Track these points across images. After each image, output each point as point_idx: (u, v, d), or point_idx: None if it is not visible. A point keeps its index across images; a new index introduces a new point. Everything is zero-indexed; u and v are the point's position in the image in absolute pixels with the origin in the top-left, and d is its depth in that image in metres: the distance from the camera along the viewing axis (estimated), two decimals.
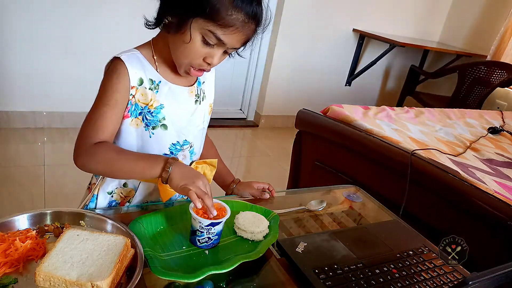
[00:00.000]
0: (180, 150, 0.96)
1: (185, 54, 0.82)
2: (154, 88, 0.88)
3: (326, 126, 1.78)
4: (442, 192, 1.36)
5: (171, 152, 0.94)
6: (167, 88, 0.89)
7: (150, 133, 0.90)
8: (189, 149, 0.98)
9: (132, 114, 0.88)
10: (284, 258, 0.81)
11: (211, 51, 0.81)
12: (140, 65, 0.86)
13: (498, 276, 0.55)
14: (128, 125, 0.88)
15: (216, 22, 0.76)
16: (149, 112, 0.88)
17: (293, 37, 3.36)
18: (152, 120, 0.89)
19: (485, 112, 2.49)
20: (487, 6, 3.68)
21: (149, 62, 0.88)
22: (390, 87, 4.22)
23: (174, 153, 0.95)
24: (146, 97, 0.87)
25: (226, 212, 0.80)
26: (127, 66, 0.83)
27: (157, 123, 0.89)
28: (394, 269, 0.81)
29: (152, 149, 0.92)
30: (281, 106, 3.59)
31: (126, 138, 0.90)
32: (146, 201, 0.98)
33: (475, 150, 1.73)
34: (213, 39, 0.78)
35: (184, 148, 0.96)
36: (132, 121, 0.88)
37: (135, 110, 0.87)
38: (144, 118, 0.89)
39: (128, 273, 0.67)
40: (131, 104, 0.86)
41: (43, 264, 0.62)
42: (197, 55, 0.81)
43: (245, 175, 2.86)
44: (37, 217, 0.76)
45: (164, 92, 0.89)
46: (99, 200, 0.95)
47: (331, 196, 1.16)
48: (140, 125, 0.89)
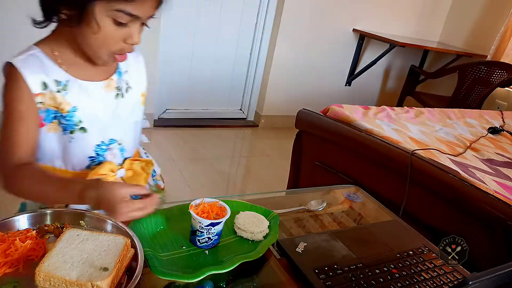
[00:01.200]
0: (106, 150, 0.89)
1: (100, 44, 0.74)
2: (62, 90, 0.78)
3: (326, 126, 1.78)
4: (442, 192, 1.36)
5: (97, 153, 0.87)
6: (77, 86, 0.80)
7: (69, 138, 0.82)
8: (117, 147, 0.91)
9: (46, 121, 0.80)
10: (284, 258, 0.80)
11: (128, 30, 0.73)
12: (41, 67, 0.76)
13: (498, 276, 0.55)
14: (46, 132, 0.81)
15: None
16: (62, 116, 0.80)
17: (293, 37, 3.36)
18: (67, 124, 0.81)
19: (485, 112, 2.49)
20: (487, 6, 3.67)
21: (52, 60, 0.78)
22: (390, 87, 4.22)
23: (101, 154, 0.88)
24: (55, 101, 0.78)
25: (226, 212, 0.80)
26: (23, 73, 0.74)
27: (74, 127, 0.82)
28: (394, 269, 0.81)
29: (75, 154, 0.85)
30: (281, 106, 3.59)
31: (47, 145, 0.83)
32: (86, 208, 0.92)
33: (475, 150, 1.73)
34: (125, 17, 0.70)
35: (111, 147, 0.89)
36: (49, 128, 0.81)
37: (48, 115, 0.80)
38: (59, 122, 0.81)
39: (128, 273, 0.67)
40: (43, 111, 0.79)
41: (43, 264, 0.62)
42: (115, 40, 0.74)
43: (245, 175, 2.87)
44: (37, 217, 0.76)
45: (75, 92, 0.80)
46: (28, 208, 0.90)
47: (331, 196, 1.16)
48: (58, 130, 0.82)
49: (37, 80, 0.76)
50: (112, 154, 0.90)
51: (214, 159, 2.85)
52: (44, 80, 0.77)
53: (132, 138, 0.95)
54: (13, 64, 0.74)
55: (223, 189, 2.50)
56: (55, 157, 0.86)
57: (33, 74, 0.75)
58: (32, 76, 0.75)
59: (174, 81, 3.22)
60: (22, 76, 0.74)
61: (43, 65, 0.77)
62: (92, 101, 0.83)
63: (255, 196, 1.12)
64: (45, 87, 0.77)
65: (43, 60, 0.77)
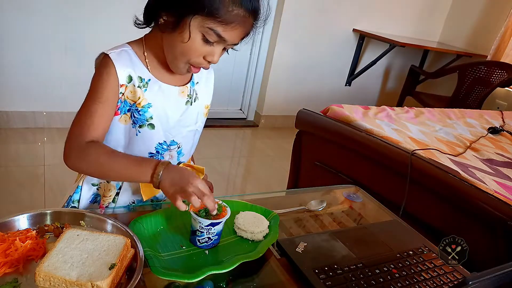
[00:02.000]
0: (167, 150, 0.94)
1: (183, 53, 0.80)
2: (143, 86, 0.86)
3: (326, 126, 1.78)
4: (442, 192, 1.36)
5: (157, 151, 0.93)
6: (157, 86, 0.88)
7: (136, 131, 0.89)
8: (176, 150, 0.96)
9: (121, 111, 0.87)
10: (284, 258, 0.80)
11: (211, 49, 0.80)
12: (130, 62, 0.84)
13: (498, 276, 0.55)
14: (117, 121, 0.88)
15: (216, 19, 0.74)
16: (136, 110, 0.87)
17: (293, 37, 3.36)
18: (139, 118, 0.87)
19: (485, 112, 2.49)
20: (487, 6, 3.67)
21: (140, 59, 0.86)
22: (390, 87, 4.22)
23: (161, 153, 0.93)
24: (134, 95, 0.85)
25: (226, 212, 0.80)
26: (115, 64, 0.82)
27: (144, 122, 0.88)
28: (394, 269, 0.81)
29: (138, 147, 0.90)
30: (281, 106, 3.59)
31: (114, 134, 0.89)
32: (133, 200, 0.97)
33: (475, 150, 1.73)
34: (214, 36, 0.77)
35: (171, 148, 0.95)
36: (121, 118, 0.87)
37: (124, 106, 0.86)
38: (132, 115, 0.87)
39: (128, 273, 0.67)
40: (121, 101, 0.85)
41: (43, 264, 0.62)
42: (197, 54, 0.80)
43: (245, 175, 2.87)
44: (37, 217, 0.76)
45: (153, 91, 0.87)
46: (83, 191, 0.95)
47: (331, 196, 1.16)
48: (128, 122, 0.88)
49: (125, 73, 0.83)
50: (171, 155, 0.95)
51: (214, 159, 2.85)
52: (130, 73, 0.84)
53: (190, 145, 1.00)
54: (108, 55, 0.82)
55: (223, 189, 2.50)
56: (119, 147, 0.91)
57: (123, 67, 0.83)
58: (122, 68, 0.83)
59: None
60: (115, 67, 0.82)
61: (132, 61, 0.85)
62: (166, 102, 0.89)
63: (255, 196, 1.13)
64: (130, 80, 0.84)
65: (132, 57, 0.85)
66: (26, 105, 2.64)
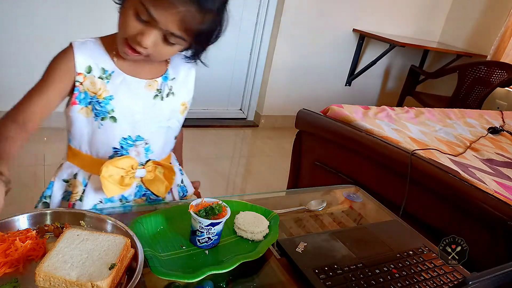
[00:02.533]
0: (132, 145, 0.92)
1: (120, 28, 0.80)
2: (106, 78, 0.85)
3: (326, 126, 1.78)
4: (442, 192, 1.36)
5: (121, 146, 0.91)
6: (121, 78, 0.87)
7: (99, 124, 0.88)
8: (143, 146, 0.93)
9: (81, 102, 0.86)
10: (284, 258, 0.80)
11: (144, 28, 0.76)
12: (93, 53, 0.85)
13: (498, 276, 0.55)
14: (77, 112, 0.87)
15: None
16: (97, 102, 0.86)
17: (293, 37, 3.36)
18: (100, 110, 0.86)
19: (485, 112, 2.49)
20: (487, 6, 3.67)
21: (107, 52, 0.86)
22: (390, 87, 4.22)
23: (125, 148, 0.91)
24: (94, 86, 0.85)
25: (226, 212, 0.80)
26: (74, 52, 0.83)
27: (106, 114, 0.87)
28: (394, 269, 0.81)
29: (101, 141, 0.90)
30: (281, 106, 3.59)
31: (77, 125, 0.89)
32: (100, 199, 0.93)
33: (475, 150, 1.73)
34: (145, 14, 0.74)
35: (137, 144, 0.92)
36: (82, 109, 0.87)
37: (84, 98, 0.86)
38: (93, 108, 0.87)
39: (128, 273, 0.67)
40: (79, 91, 0.85)
41: (43, 264, 0.62)
42: (129, 29, 0.77)
43: (245, 175, 2.87)
44: (37, 217, 0.76)
45: (116, 83, 0.86)
46: (55, 187, 0.94)
47: (331, 196, 1.16)
48: (90, 115, 0.87)
49: (84, 62, 0.84)
50: (137, 151, 0.93)
51: (214, 159, 2.85)
52: (90, 64, 0.84)
53: (161, 142, 0.97)
54: (72, 43, 0.84)
55: (223, 189, 2.50)
56: (82, 141, 0.91)
57: (83, 56, 0.84)
58: (82, 57, 0.83)
59: None
60: (73, 54, 0.83)
61: (96, 53, 0.85)
62: (130, 95, 0.88)
63: (255, 196, 1.13)
64: (89, 70, 0.84)
65: (98, 48, 0.86)
66: None
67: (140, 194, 0.97)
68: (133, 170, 0.91)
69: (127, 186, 0.90)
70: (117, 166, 0.88)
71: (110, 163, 0.87)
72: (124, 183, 0.89)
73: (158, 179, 0.95)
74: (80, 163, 0.93)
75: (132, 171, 0.90)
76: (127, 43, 0.79)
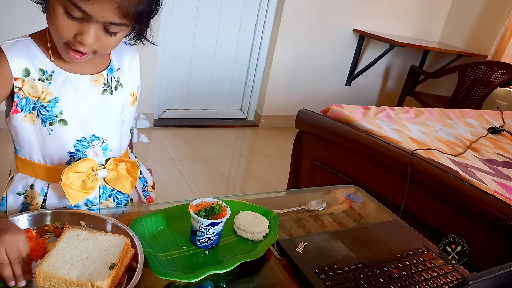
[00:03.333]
0: (89, 147, 0.86)
1: (54, 32, 0.72)
2: (46, 79, 0.78)
3: (326, 126, 1.78)
4: (442, 192, 1.36)
5: (77, 149, 0.85)
6: (63, 77, 0.80)
7: (48, 130, 0.81)
8: (100, 145, 0.88)
9: (23, 109, 0.79)
10: (284, 258, 0.80)
11: (80, 26, 0.70)
12: (27, 53, 0.77)
13: (498, 276, 0.55)
14: (22, 121, 0.80)
15: None
16: (42, 106, 0.79)
17: (293, 37, 3.36)
18: (47, 115, 0.80)
19: (485, 112, 2.49)
20: (487, 6, 3.67)
21: (42, 51, 0.79)
22: (390, 87, 4.22)
23: (81, 151, 0.86)
24: (36, 90, 0.78)
25: (226, 212, 0.80)
26: (7, 55, 0.75)
27: (54, 118, 0.80)
28: (394, 269, 0.81)
29: (54, 147, 0.83)
30: (281, 106, 3.59)
31: (23, 134, 0.82)
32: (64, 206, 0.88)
33: (475, 150, 1.73)
34: (76, 11, 0.67)
35: (93, 144, 0.87)
36: (26, 117, 0.80)
37: (26, 104, 0.79)
38: (38, 113, 0.80)
39: (128, 273, 0.67)
40: (19, 97, 0.78)
41: (43, 264, 0.62)
42: (66, 31, 0.70)
43: (245, 175, 2.87)
44: (37, 217, 0.76)
45: (58, 83, 0.79)
46: (9, 202, 0.87)
47: (331, 196, 1.16)
48: (36, 121, 0.81)
49: (20, 65, 0.76)
50: (94, 151, 0.87)
51: (214, 159, 2.85)
52: (27, 66, 0.77)
53: (118, 138, 0.92)
54: (1, 46, 0.75)
55: (223, 189, 2.50)
56: (33, 150, 0.85)
57: (18, 58, 0.76)
58: (16, 60, 0.75)
59: (174, 81, 3.22)
60: (6, 58, 0.75)
61: (31, 53, 0.78)
62: (76, 94, 0.82)
63: (255, 196, 1.13)
64: (27, 74, 0.77)
65: (32, 48, 0.78)
66: None
67: (106, 195, 0.93)
68: (94, 172, 0.85)
69: (90, 189, 0.85)
70: (77, 171, 0.82)
71: (69, 169, 0.81)
72: (87, 187, 0.84)
73: (122, 176, 0.91)
74: (34, 173, 0.87)
75: (93, 173, 0.85)
76: (69, 47, 0.73)
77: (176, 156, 2.73)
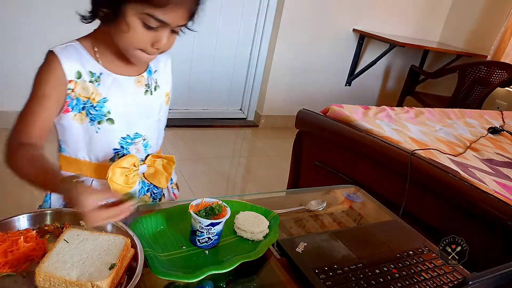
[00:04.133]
0: (132, 143, 0.93)
1: (130, 43, 0.78)
2: (95, 81, 0.84)
3: (326, 126, 1.78)
4: (442, 192, 1.36)
5: (121, 146, 0.91)
6: (111, 79, 0.86)
7: (96, 129, 0.87)
8: (142, 142, 0.95)
9: (74, 109, 0.84)
10: (284, 258, 0.81)
11: (156, 35, 0.77)
12: (78, 57, 0.82)
13: (498, 276, 0.55)
14: (71, 120, 0.85)
15: (150, 4, 0.71)
16: (92, 106, 0.85)
17: (293, 37, 3.36)
18: (96, 114, 0.85)
19: (485, 112, 2.49)
20: (487, 6, 3.67)
21: (90, 54, 0.84)
22: (390, 87, 4.22)
23: (125, 147, 0.92)
24: (87, 91, 0.83)
25: (226, 212, 0.80)
26: (60, 59, 0.80)
27: (102, 117, 0.86)
28: (394, 269, 0.81)
29: (100, 144, 0.89)
30: (281, 106, 3.59)
31: (71, 133, 0.87)
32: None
33: (475, 150, 1.73)
34: (154, 22, 0.74)
35: (136, 141, 0.93)
36: (76, 116, 0.85)
37: (77, 104, 0.84)
38: (88, 113, 0.85)
39: (128, 273, 0.67)
40: (71, 98, 0.83)
41: (43, 264, 0.62)
42: (143, 42, 0.77)
43: (245, 175, 2.87)
44: (37, 217, 0.76)
45: (107, 84, 0.85)
46: (52, 200, 0.93)
47: (331, 196, 1.16)
48: (85, 120, 0.86)
49: (72, 68, 0.81)
50: (136, 148, 0.94)
51: (214, 159, 2.85)
52: (79, 69, 0.82)
53: (156, 136, 0.99)
54: (53, 51, 0.80)
55: (223, 189, 2.50)
56: (78, 149, 0.89)
57: (70, 62, 0.81)
58: (68, 63, 0.80)
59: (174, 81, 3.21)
60: (60, 62, 0.80)
61: (81, 56, 0.83)
62: (122, 94, 0.88)
63: (255, 196, 1.13)
64: (79, 76, 0.82)
65: (81, 52, 0.83)
66: None
67: (144, 190, 0.99)
68: (136, 168, 0.91)
69: (132, 184, 0.91)
70: (122, 167, 0.88)
71: (115, 165, 0.87)
72: (129, 182, 0.90)
73: (159, 171, 0.98)
74: (79, 170, 0.91)
75: (135, 168, 0.91)
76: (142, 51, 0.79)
77: (176, 156, 2.72)
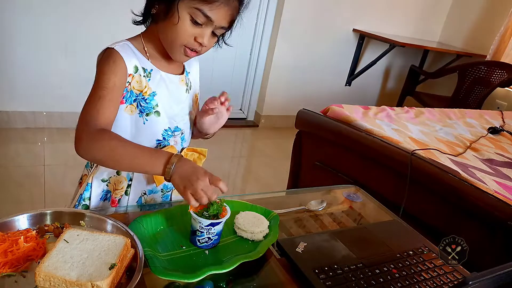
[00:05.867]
0: (172, 136, 0.98)
1: (177, 36, 0.85)
2: (147, 76, 0.90)
3: (326, 126, 1.78)
4: (442, 192, 1.36)
5: (163, 137, 0.96)
6: (159, 76, 0.92)
7: (144, 120, 0.92)
8: (180, 136, 1.00)
9: (127, 101, 0.89)
10: (284, 258, 0.80)
11: (201, 30, 0.84)
12: (134, 54, 0.89)
13: (498, 276, 0.55)
14: (123, 111, 0.90)
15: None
16: (143, 99, 0.90)
17: (293, 37, 3.36)
18: (146, 107, 0.91)
19: (485, 112, 2.49)
20: (487, 6, 3.67)
21: (140, 53, 0.91)
22: (390, 87, 4.22)
23: (167, 139, 0.97)
24: (141, 84, 0.89)
25: (226, 212, 0.80)
26: (122, 55, 0.85)
27: (151, 110, 0.92)
28: (394, 269, 0.81)
29: (145, 136, 0.93)
30: (281, 106, 3.59)
31: (120, 124, 0.90)
32: (144, 190, 0.99)
33: (475, 150, 1.73)
34: (201, 17, 0.82)
35: (175, 134, 0.99)
36: (127, 108, 0.90)
37: (130, 97, 0.89)
38: (138, 105, 0.91)
39: (128, 273, 0.67)
40: (127, 91, 0.88)
41: (43, 264, 0.62)
42: (188, 35, 0.84)
43: (245, 175, 2.87)
44: (37, 217, 0.76)
45: (156, 80, 0.92)
46: (93, 188, 0.96)
47: (331, 196, 1.16)
48: (134, 112, 0.91)
49: (131, 63, 0.88)
50: (175, 140, 0.99)
51: (214, 159, 2.85)
52: (136, 64, 0.88)
53: (189, 131, 1.05)
54: (114, 48, 0.86)
55: None
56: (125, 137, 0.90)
57: (129, 57, 0.87)
58: (128, 58, 0.87)
59: None
60: (122, 57, 0.86)
61: (135, 53, 0.89)
62: (168, 90, 0.94)
63: (255, 196, 1.12)
64: (136, 70, 0.88)
65: (134, 50, 0.90)
66: (26, 105, 2.64)
67: None
68: None
69: None
70: None
71: None
72: None
73: None
74: None
75: None
76: (185, 47, 0.86)
77: None
